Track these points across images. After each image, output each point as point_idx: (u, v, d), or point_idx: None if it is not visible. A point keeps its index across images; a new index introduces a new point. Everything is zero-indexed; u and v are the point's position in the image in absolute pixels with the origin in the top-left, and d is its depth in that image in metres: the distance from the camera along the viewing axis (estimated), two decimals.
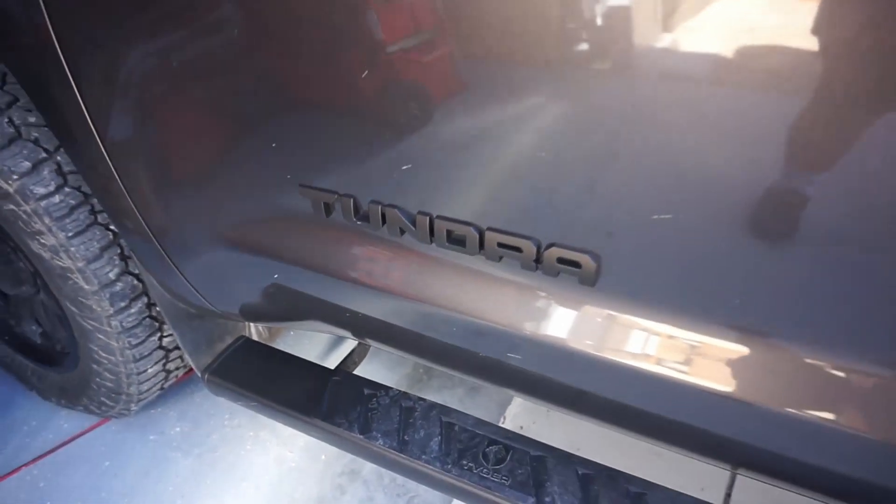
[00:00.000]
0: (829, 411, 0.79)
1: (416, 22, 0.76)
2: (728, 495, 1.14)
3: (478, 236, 0.87)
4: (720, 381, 0.83)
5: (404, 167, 0.86)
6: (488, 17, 0.69)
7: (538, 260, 0.84)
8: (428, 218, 0.89)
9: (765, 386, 0.82)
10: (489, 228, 0.86)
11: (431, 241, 0.92)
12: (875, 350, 0.73)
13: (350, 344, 2.12)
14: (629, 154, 0.71)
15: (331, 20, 0.79)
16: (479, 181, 0.83)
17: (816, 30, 0.56)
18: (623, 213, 0.76)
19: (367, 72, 0.80)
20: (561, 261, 0.82)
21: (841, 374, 0.76)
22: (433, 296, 0.99)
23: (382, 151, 0.88)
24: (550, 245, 0.82)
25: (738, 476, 1.22)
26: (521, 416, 1.86)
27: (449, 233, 0.89)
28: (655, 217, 0.73)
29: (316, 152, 0.95)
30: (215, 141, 1.05)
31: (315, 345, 2.17)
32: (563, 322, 0.89)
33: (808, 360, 0.77)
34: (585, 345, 0.88)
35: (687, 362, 0.83)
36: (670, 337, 0.83)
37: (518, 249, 0.84)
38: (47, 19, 1.00)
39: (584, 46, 0.67)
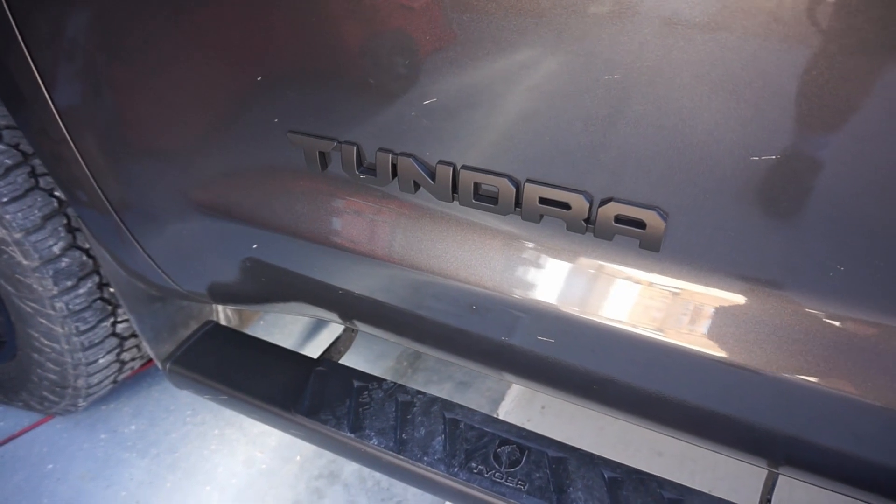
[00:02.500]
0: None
1: None
2: (768, 500, 1.01)
3: (514, 191, 0.71)
4: (805, 371, 0.69)
5: (426, 102, 0.70)
6: None
7: (589, 219, 0.69)
8: (451, 169, 0.73)
9: (843, 371, 0.69)
10: (529, 181, 0.70)
11: (454, 199, 0.76)
12: None
13: (331, 332, 1.94)
14: (713, 78, 0.57)
15: None
16: (521, 122, 0.68)
17: None
18: (703, 157, 0.61)
19: None
20: (620, 219, 0.67)
21: None
22: (449, 268, 0.83)
23: (396, 84, 0.72)
24: (607, 200, 0.67)
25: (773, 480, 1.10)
26: (515, 412, 1.72)
27: (477, 187, 0.73)
28: (754, 159, 0.58)
29: (311, 89, 0.78)
30: (189, 85, 0.87)
31: (288, 333, 1.98)
32: (615, 298, 0.74)
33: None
34: (642, 325, 0.73)
35: (771, 347, 0.69)
36: (748, 316, 0.69)
37: (565, 206, 0.69)
38: None
39: None
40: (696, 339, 0.72)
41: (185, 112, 0.91)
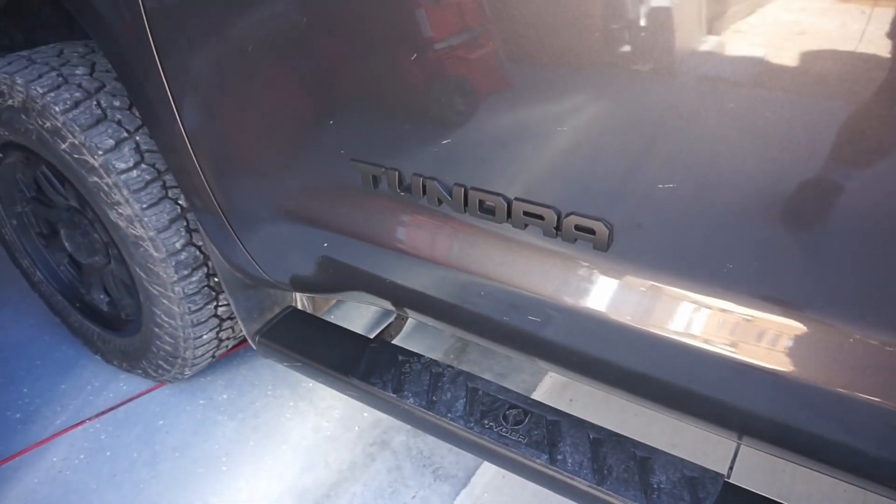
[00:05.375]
0: (834, 379, 0.84)
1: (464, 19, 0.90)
2: (730, 468, 1.22)
3: (506, 205, 0.99)
4: (728, 345, 0.91)
5: (444, 142, 0.99)
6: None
7: (558, 227, 0.96)
8: (463, 189, 1.02)
9: (775, 353, 0.89)
10: (516, 198, 0.98)
11: (465, 210, 1.04)
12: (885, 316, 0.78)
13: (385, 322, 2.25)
14: (638, 143, 0.83)
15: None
16: (509, 157, 0.96)
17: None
18: (630, 186, 0.87)
19: (415, 55, 0.93)
20: (578, 228, 0.93)
21: (844, 338, 0.82)
22: (465, 262, 1.11)
23: (426, 129, 1.01)
24: (570, 213, 0.94)
25: (740, 456, 1.30)
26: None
27: (481, 202, 1.02)
28: (661, 186, 0.84)
29: (368, 130, 1.09)
30: (282, 124, 1.20)
31: (351, 320, 2.31)
32: (578, 286, 1.00)
33: (814, 327, 0.84)
34: (601, 309, 0.99)
35: (689, 325, 0.93)
36: (677, 300, 0.93)
37: (541, 217, 0.96)
38: (146, 21, 1.17)
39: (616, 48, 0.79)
40: (639, 319, 0.97)
41: (278, 141, 1.23)
